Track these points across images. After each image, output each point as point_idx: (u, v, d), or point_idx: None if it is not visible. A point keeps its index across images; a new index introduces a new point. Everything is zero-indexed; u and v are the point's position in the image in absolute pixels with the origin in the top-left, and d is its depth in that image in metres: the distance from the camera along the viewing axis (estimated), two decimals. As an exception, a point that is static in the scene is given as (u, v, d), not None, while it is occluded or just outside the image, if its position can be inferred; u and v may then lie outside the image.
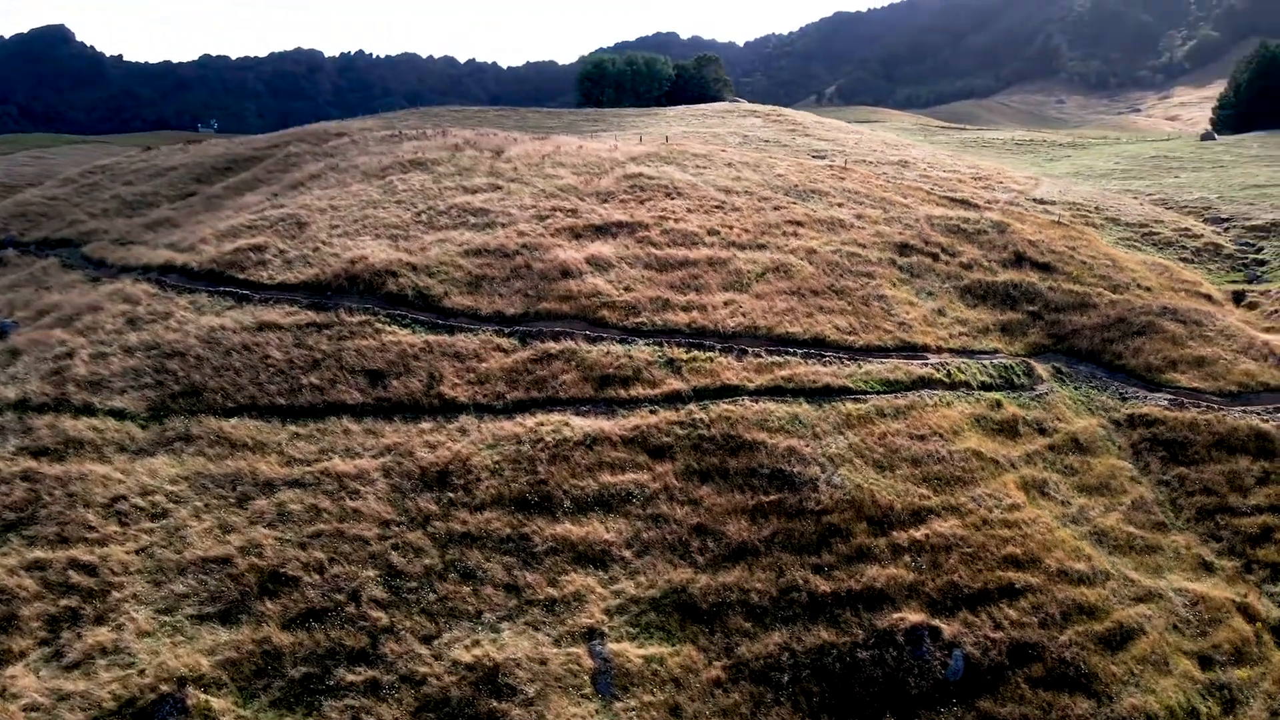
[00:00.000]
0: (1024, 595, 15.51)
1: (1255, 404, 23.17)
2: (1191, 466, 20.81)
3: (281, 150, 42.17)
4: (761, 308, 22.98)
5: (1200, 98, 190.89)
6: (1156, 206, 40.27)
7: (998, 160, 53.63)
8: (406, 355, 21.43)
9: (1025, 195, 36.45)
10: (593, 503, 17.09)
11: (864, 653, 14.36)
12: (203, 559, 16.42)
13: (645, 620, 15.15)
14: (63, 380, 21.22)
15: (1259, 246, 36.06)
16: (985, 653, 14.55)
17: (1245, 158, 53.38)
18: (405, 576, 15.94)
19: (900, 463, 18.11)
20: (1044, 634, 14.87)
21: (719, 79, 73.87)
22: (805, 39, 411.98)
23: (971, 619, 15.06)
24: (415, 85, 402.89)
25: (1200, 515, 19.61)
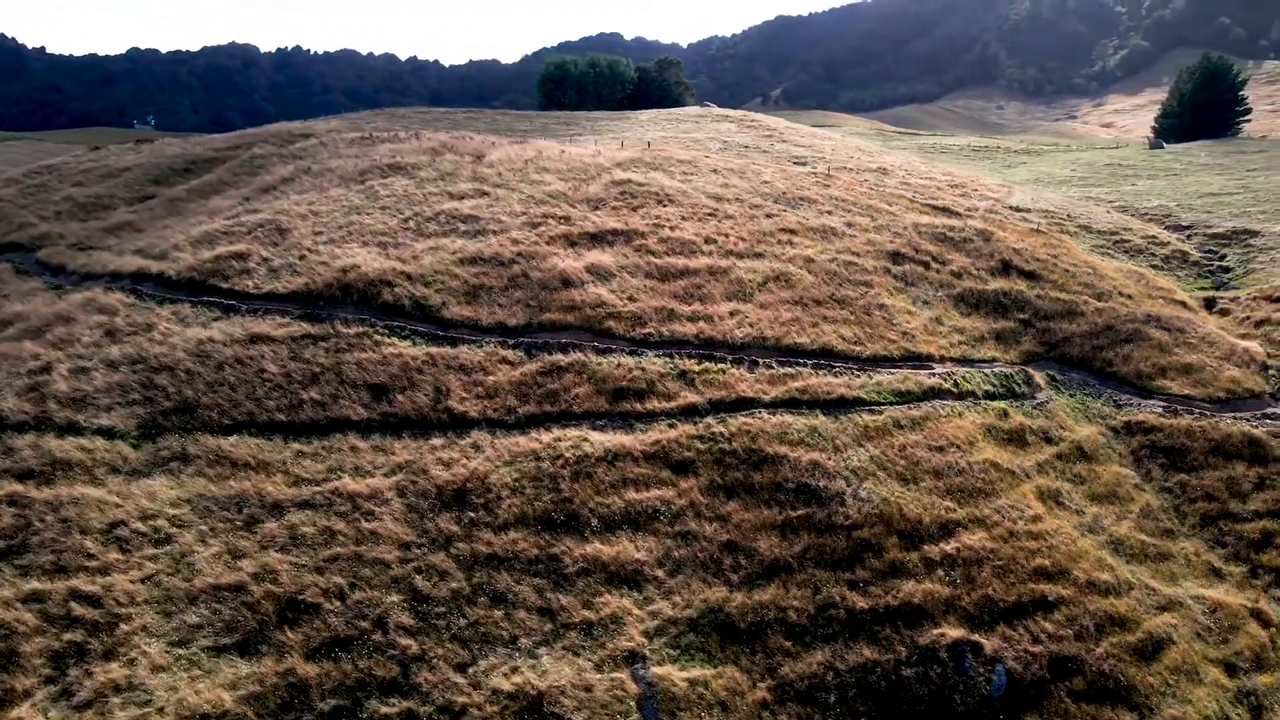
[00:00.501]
0: (1058, 608, 15.61)
1: (1243, 410, 23.81)
2: (1191, 473, 21.27)
3: (244, 152, 40.81)
4: (767, 318, 22.86)
5: (1133, 105, 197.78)
6: (1121, 214, 41.29)
7: (956, 166, 54.51)
8: (409, 368, 20.78)
9: (1002, 203, 37.06)
10: (620, 521, 16.73)
11: (908, 670, 14.28)
12: (214, 587, 15.64)
13: (685, 642, 14.85)
14: (42, 397, 20.10)
15: (1222, 254, 37.22)
16: (1026, 667, 14.59)
17: (1195, 166, 55.19)
18: (432, 601, 15.39)
19: (922, 475, 18.13)
20: (1081, 646, 14.98)
21: (680, 82, 73.85)
22: (748, 41, 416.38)
23: (1009, 633, 15.10)
24: (355, 82, 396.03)
25: (1204, 521, 20.04)
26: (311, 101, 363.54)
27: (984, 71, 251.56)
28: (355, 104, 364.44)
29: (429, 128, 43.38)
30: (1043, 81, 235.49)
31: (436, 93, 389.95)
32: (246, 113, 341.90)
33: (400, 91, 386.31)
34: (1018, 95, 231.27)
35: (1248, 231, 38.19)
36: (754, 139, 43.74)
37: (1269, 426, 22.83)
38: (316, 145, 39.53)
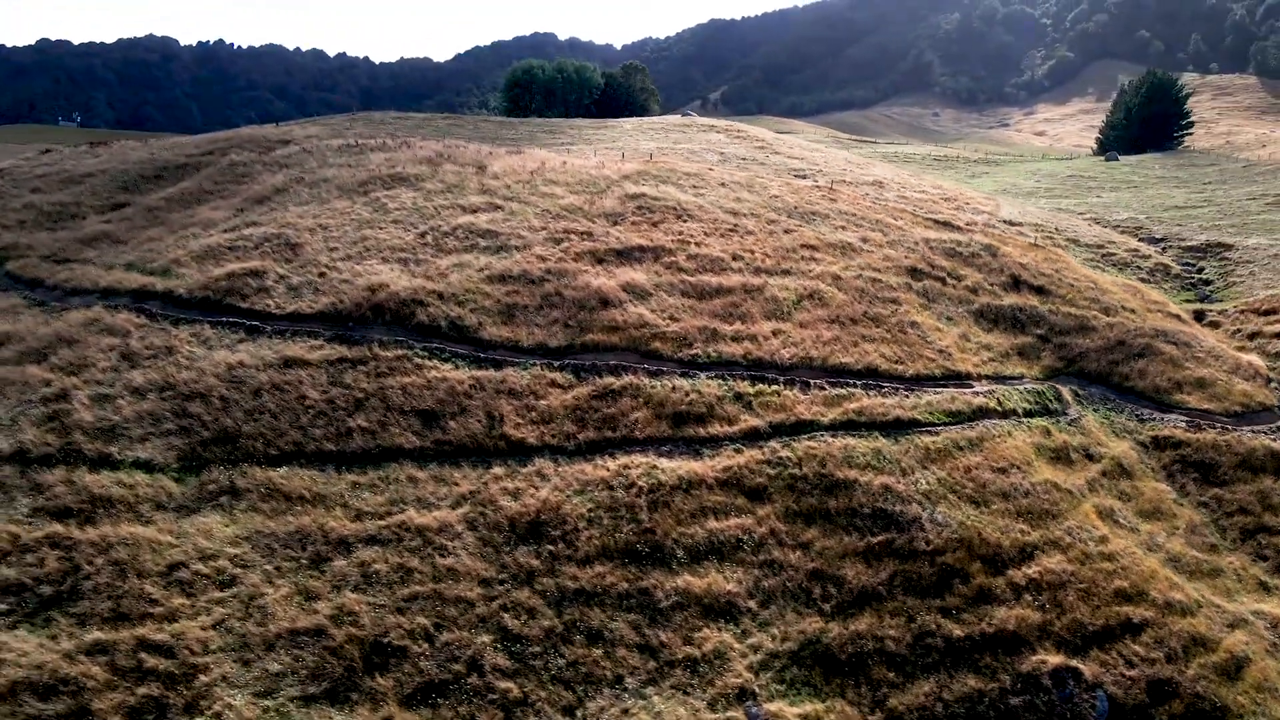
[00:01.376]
0: (1144, 630, 15.87)
1: (1258, 423, 24.66)
2: (1224, 488, 21.92)
3: (221, 158, 39.25)
4: (810, 337, 22.82)
5: (1062, 114, 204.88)
6: (1098, 227, 42.56)
7: (931, 178, 55.53)
8: (456, 393, 20.14)
9: (995, 217, 37.83)
10: (705, 551, 16.46)
11: (1015, 699, 14.33)
12: (291, 631, 14.86)
13: (790, 676, 14.65)
14: (65, 428, 18.91)
15: (1200, 266, 38.63)
16: (1126, 692, 14.78)
17: (1153, 179, 57.27)
18: (525, 641, 14.88)
19: (992, 497, 18.27)
20: (1173, 669, 15.24)
21: (645, 88, 73.71)
22: (682, 44, 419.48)
23: (1104, 657, 15.29)
24: (282, 79, 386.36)
25: (1243, 535, 20.66)
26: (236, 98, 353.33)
27: (918, 79, 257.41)
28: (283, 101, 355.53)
29: (414, 135, 42.37)
30: (975, 90, 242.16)
31: (368, 91, 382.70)
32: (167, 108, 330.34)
33: (330, 89, 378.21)
34: (952, 103, 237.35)
35: (1222, 245, 39.71)
36: (748, 150, 43.82)
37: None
38: (301, 153, 38.23)
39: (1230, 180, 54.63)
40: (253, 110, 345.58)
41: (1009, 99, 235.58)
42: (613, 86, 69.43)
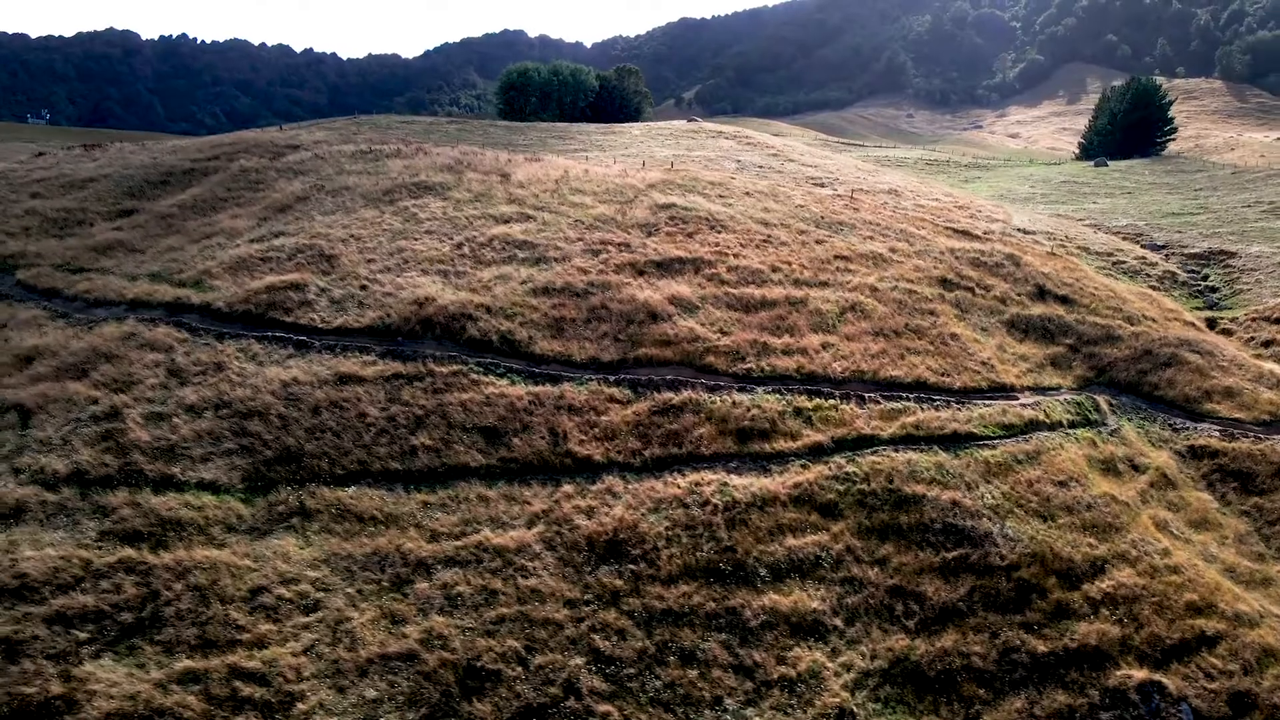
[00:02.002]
0: (1218, 642, 16.20)
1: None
2: (1263, 496, 22.40)
3: (229, 164, 38.68)
4: (858, 350, 23.00)
5: (1034, 116, 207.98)
6: (1107, 234, 43.29)
7: (918, 179, 56.12)
8: (516, 409, 20.06)
9: (1009, 225, 38.34)
10: (786, 569, 16.54)
11: (1105, 714, 14.58)
12: (382, 656, 14.75)
13: (884, 694, 14.79)
14: (122, 448, 18.58)
15: (1204, 274, 39.43)
16: (1209, 705, 15.10)
17: (1145, 185, 58.34)
18: (619, 663, 14.88)
19: (1057, 511, 18.55)
20: (1250, 680, 15.59)
21: (639, 91, 73.64)
22: (653, 43, 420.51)
23: (1184, 670, 15.60)
24: (248, 75, 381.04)
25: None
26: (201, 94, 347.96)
27: (892, 80, 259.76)
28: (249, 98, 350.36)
29: (425, 141, 42.03)
30: (948, 91, 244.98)
31: (336, 87, 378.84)
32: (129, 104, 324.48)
33: (297, 85, 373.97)
34: (925, 104, 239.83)
35: (1225, 253, 40.57)
36: (763, 158, 43.98)
37: (1315, 448, 24.25)
38: (314, 159, 37.78)
39: (1221, 187, 55.81)
40: (218, 107, 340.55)
41: (981, 100, 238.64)
42: (607, 89, 69.32)
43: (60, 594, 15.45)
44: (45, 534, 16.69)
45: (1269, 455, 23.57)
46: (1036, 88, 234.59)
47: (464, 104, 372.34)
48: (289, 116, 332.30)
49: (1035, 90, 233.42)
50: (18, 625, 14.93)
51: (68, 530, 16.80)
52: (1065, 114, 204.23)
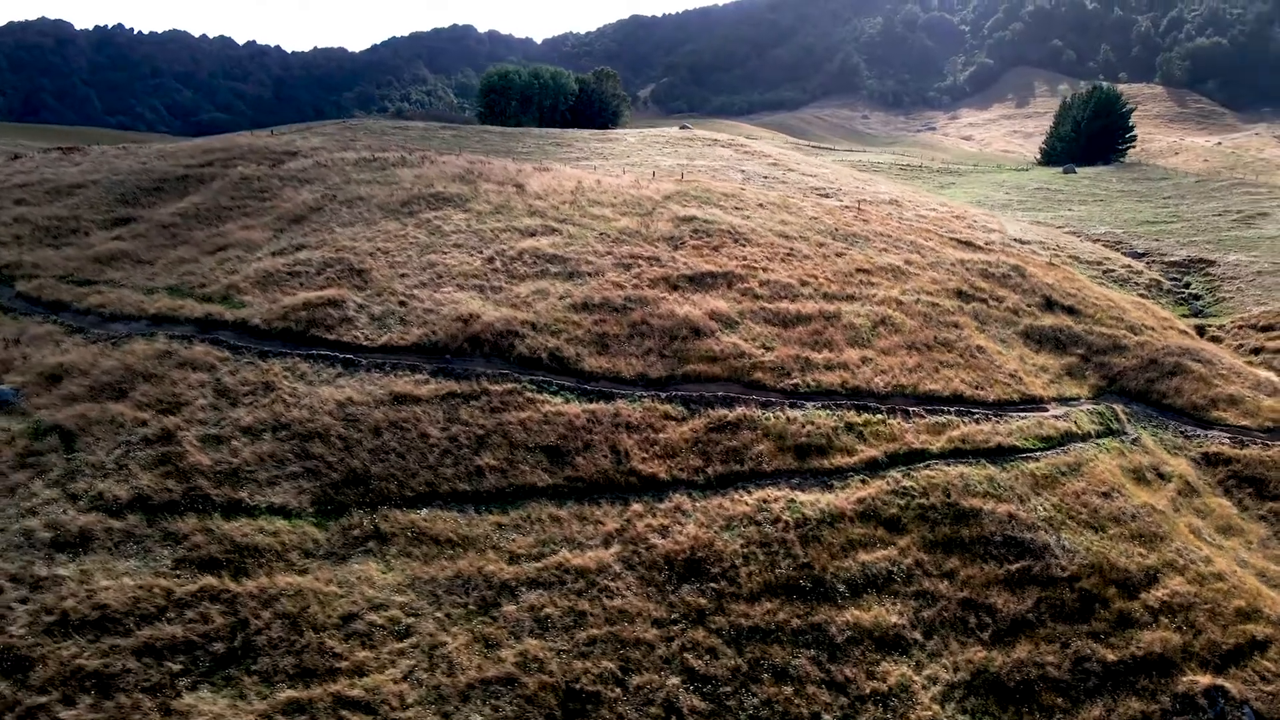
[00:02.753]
0: (1269, 646, 17.10)
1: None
2: (1278, 501, 23.57)
3: (228, 170, 38.02)
4: (895, 365, 23.61)
5: (985, 119, 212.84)
6: (1088, 242, 44.75)
7: (910, 189, 57.31)
8: (575, 427, 20.24)
9: (1006, 235, 39.47)
10: (862, 585, 17.02)
11: (1180, 718, 15.33)
12: (482, 680, 14.87)
13: (970, 706, 15.34)
14: (183, 472, 18.36)
15: (1186, 282, 41.03)
16: (1269, 706, 15.95)
17: (1115, 192, 60.30)
18: (715, 681, 15.20)
19: (1106, 522, 19.34)
20: (1302, 682, 16.49)
21: (617, 94, 73.73)
22: (604, 40, 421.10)
23: (1241, 674, 16.43)
24: (189, 66, 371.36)
25: (1304, 546, 22.28)
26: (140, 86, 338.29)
27: (845, 81, 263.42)
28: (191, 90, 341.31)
29: (425, 147, 41.73)
30: (900, 93, 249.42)
31: (281, 80, 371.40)
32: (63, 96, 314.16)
33: (241, 78, 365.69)
34: (879, 105, 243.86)
35: (1204, 261, 42.24)
36: (764, 167, 44.54)
37: (1318, 453, 25.55)
38: (317, 167, 37.32)
39: (1189, 195, 57.95)
40: (158, 100, 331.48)
41: (933, 102, 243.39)
42: (586, 92, 69.32)
43: (145, 625, 15.27)
44: (117, 563, 16.46)
45: (1278, 461, 24.77)
46: (986, 90, 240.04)
47: (415, 99, 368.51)
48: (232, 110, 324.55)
49: (985, 93, 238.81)
50: (106, 658, 14.75)
51: (140, 559, 16.58)
52: (1015, 117, 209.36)
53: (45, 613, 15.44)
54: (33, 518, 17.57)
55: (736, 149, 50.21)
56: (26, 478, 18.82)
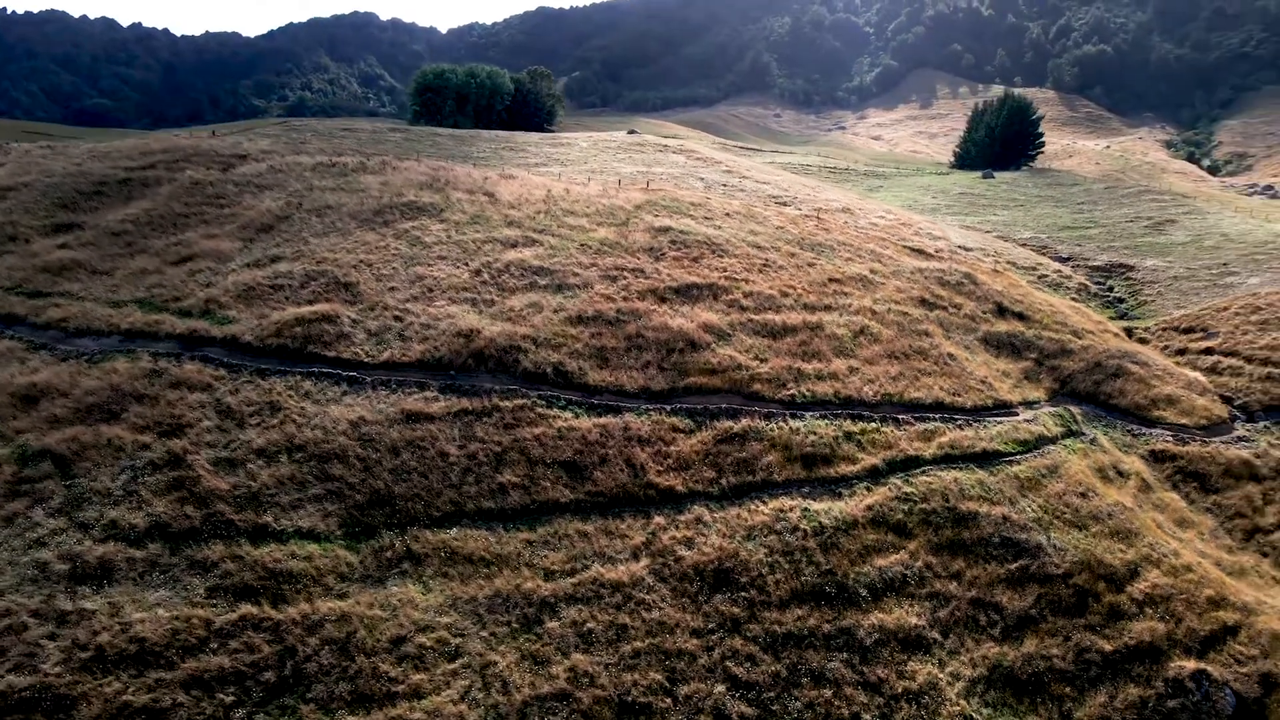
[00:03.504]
0: (1239, 631, 18.84)
1: (1221, 434, 28.87)
2: (1219, 494, 25.74)
3: (176, 174, 36.75)
4: (880, 374, 24.79)
5: (892, 120, 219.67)
6: (1022, 248, 47.28)
7: (839, 192, 59.20)
8: (589, 442, 20.67)
9: (951, 242, 41.38)
10: (881, 588, 18.02)
11: (1171, 702, 16.83)
12: (537, 697, 15.25)
13: (991, 699, 16.50)
14: (200, 498, 18.06)
15: (1110, 285, 43.84)
16: (1245, 686, 17.63)
17: (1033, 197, 63.66)
18: (758, 687, 15.94)
19: (1087, 521, 20.87)
20: (1270, 663, 18.25)
21: (551, 94, 73.51)
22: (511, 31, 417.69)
23: (1219, 658, 18.09)
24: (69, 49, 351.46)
25: (1245, 536, 24.44)
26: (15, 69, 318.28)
27: (757, 79, 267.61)
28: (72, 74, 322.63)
29: (377, 149, 41.08)
30: (810, 92, 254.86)
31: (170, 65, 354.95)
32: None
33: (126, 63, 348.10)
34: (790, 104, 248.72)
35: (1124, 266, 45.21)
36: (719, 175, 45.37)
37: (1248, 448, 27.98)
38: (271, 171, 36.42)
39: (1101, 201, 61.66)
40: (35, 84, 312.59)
41: (841, 102, 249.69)
42: (522, 92, 68.93)
43: (189, 657, 15.11)
44: (146, 593, 16.17)
45: (1216, 457, 27.02)
46: (891, 91, 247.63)
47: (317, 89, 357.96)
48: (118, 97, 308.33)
49: (890, 94, 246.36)
50: (154, 693, 14.56)
51: (170, 589, 16.32)
52: (919, 118, 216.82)
53: (79, 649, 15.11)
54: (43, 549, 17.07)
55: (688, 155, 50.99)
56: (24, 506, 18.22)
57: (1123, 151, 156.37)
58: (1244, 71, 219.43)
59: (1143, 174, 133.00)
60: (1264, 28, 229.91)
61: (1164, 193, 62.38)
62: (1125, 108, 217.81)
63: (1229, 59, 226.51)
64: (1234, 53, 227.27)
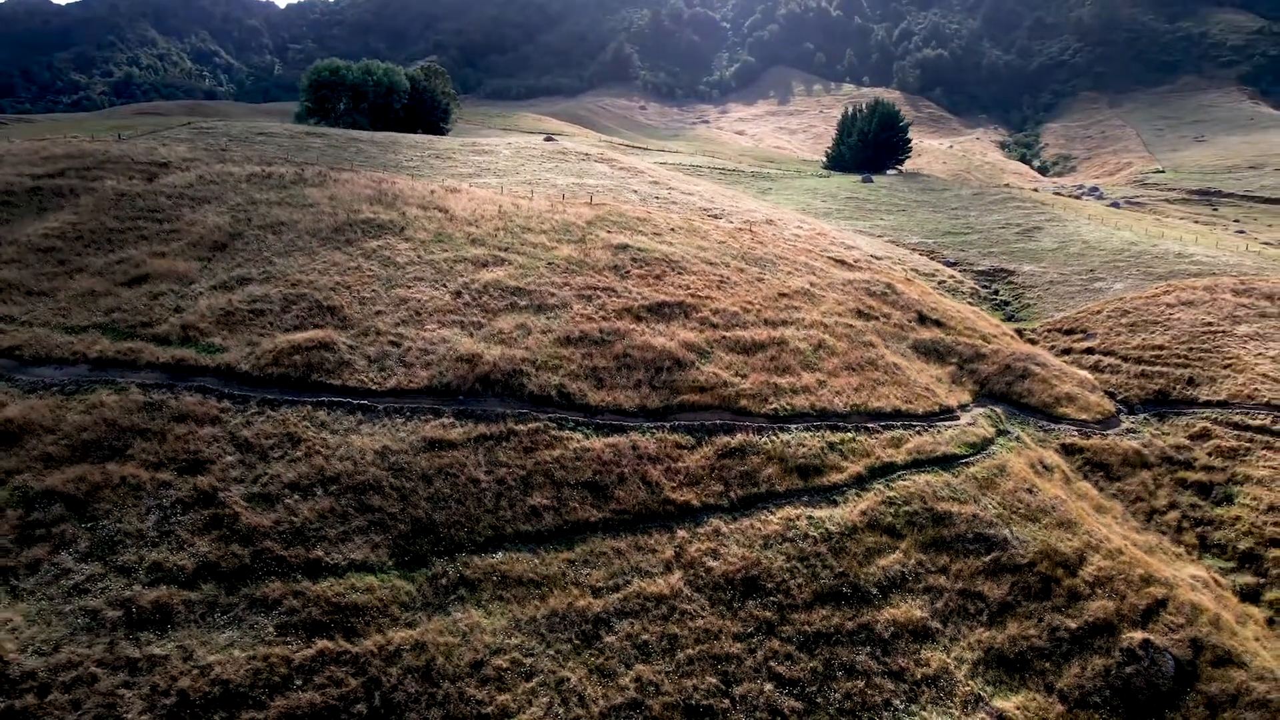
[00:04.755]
0: (1168, 603, 22.26)
1: (1112, 428, 33.09)
2: (1121, 481, 29.67)
3: (95, 184, 35.00)
4: (845, 385, 27.16)
5: (753, 114, 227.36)
6: (918, 255, 51.33)
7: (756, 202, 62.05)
8: (605, 462, 21.94)
9: (865, 252, 44.58)
10: (887, 586, 20.27)
11: (1129, 668, 19.89)
12: (612, 708, 16.59)
13: (990, 677, 19.02)
14: (243, 536, 18.27)
15: (995, 289, 48.42)
16: (1180, 650, 20.96)
17: (911, 202, 68.60)
18: (801, 683, 17.81)
19: (1037, 514, 23.90)
20: (1195, 629, 21.71)
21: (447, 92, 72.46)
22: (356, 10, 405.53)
23: (1156, 628, 21.38)
24: None
25: (1146, 518, 28.41)
26: None
27: (620, 71, 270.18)
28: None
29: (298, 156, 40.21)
30: (673, 85, 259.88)
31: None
32: None
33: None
34: (653, 96, 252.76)
35: (1005, 270, 49.96)
36: (646, 186, 46.59)
37: (1136, 439, 32.25)
38: (203, 182, 35.22)
39: (971, 207, 67.22)
40: None
41: (704, 96, 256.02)
42: (418, 90, 67.54)
43: (278, 695, 15.55)
44: (214, 635, 16.40)
45: (1114, 449, 31.05)
46: (750, 87, 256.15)
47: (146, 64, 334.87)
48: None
49: (750, 89, 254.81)
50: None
51: (237, 629, 16.58)
52: (779, 114, 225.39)
53: (161, 695, 15.29)
54: (87, 596, 16.91)
55: (612, 165, 52.10)
56: (45, 551, 17.88)
57: (964, 151, 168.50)
58: (1063, 78, 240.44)
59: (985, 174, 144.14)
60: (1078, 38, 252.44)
61: (1026, 201, 68.74)
62: (962, 109, 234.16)
63: (1049, 66, 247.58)
64: (1054, 60, 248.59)
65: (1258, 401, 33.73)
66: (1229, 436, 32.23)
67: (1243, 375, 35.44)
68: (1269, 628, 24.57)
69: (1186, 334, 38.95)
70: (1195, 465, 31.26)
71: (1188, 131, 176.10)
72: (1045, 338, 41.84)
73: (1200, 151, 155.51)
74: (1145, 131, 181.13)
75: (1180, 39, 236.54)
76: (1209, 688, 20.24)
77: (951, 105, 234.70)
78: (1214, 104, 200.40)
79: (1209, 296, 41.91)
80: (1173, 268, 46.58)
